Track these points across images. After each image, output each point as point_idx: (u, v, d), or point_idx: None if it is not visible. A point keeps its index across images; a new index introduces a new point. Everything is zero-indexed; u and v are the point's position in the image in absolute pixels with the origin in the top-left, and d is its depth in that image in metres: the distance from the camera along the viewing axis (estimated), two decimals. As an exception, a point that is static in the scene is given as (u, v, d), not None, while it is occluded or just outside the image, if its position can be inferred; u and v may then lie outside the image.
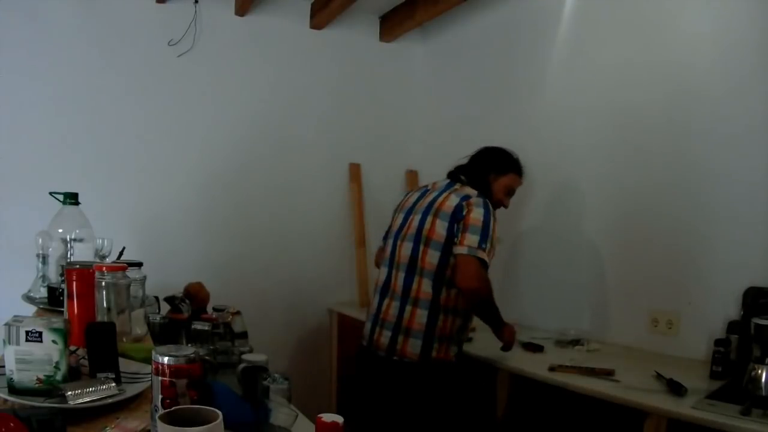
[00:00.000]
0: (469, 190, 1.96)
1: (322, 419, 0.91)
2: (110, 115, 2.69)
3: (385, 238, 2.16)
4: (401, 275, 1.97)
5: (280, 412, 1.09)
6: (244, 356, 1.41)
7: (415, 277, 1.93)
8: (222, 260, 2.92)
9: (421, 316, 1.90)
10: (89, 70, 2.63)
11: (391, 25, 3.29)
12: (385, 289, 2.02)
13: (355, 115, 3.30)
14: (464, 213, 1.87)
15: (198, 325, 1.66)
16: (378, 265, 2.18)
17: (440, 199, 1.97)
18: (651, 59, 2.21)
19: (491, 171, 2.05)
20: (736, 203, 1.94)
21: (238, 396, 1.13)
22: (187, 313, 1.86)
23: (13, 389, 0.99)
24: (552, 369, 1.89)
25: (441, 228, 1.90)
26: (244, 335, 1.80)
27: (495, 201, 2.03)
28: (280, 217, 3.10)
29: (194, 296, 2.02)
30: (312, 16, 3.13)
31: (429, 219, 1.94)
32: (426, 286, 1.91)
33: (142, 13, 2.74)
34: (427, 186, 2.13)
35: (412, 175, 3.41)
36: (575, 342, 2.24)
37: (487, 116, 2.99)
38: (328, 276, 3.23)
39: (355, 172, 3.29)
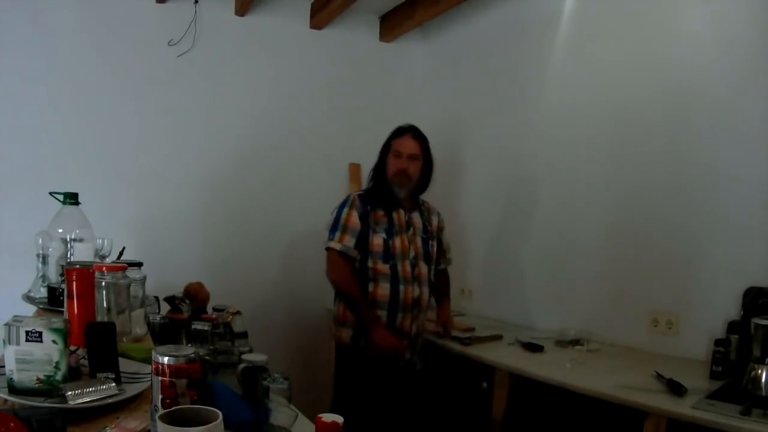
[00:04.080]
0: None
1: (322, 419, 0.91)
2: (110, 115, 2.69)
3: None
4: None
5: (280, 412, 1.09)
6: (244, 356, 1.41)
7: None
8: (222, 260, 2.92)
9: None
10: (89, 70, 2.64)
11: (391, 25, 3.29)
12: None
13: (355, 115, 3.30)
14: None
15: (198, 325, 1.66)
16: None
17: None
18: (651, 58, 2.21)
19: (380, 155, 2.35)
20: (737, 203, 1.94)
21: (238, 396, 1.13)
22: (187, 313, 1.86)
23: (13, 389, 0.99)
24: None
25: None
26: (244, 335, 1.79)
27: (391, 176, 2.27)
28: (280, 217, 3.10)
29: (194, 296, 2.02)
30: (312, 16, 3.13)
31: None
32: None
33: (142, 13, 2.74)
34: None
35: (412, 175, 3.41)
36: (575, 342, 2.24)
37: (487, 116, 3.00)
38: (328, 276, 3.22)
39: (355, 172, 3.29)
